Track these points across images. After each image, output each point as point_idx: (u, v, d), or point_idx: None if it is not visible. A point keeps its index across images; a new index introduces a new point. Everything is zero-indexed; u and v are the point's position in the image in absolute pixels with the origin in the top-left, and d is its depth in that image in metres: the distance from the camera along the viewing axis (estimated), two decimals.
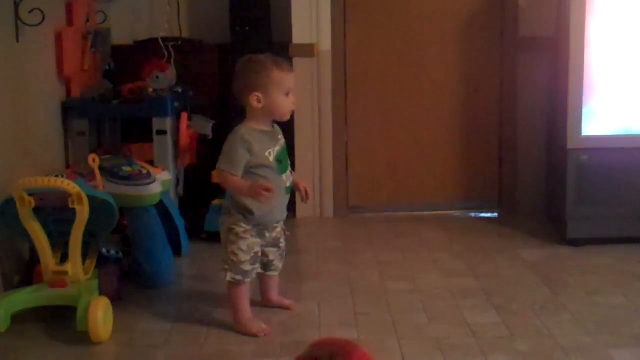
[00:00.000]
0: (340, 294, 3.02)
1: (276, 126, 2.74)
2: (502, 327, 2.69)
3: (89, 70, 3.80)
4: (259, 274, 2.80)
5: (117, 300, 2.90)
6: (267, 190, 2.53)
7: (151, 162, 3.48)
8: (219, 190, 3.83)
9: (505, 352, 2.48)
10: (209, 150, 3.99)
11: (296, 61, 4.04)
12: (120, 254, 3.12)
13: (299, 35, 4.05)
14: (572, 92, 3.46)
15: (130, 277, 3.13)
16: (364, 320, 2.79)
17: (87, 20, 3.85)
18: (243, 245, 2.65)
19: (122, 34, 4.22)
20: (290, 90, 2.65)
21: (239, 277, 2.66)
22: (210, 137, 3.85)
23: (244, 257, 2.65)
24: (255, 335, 2.62)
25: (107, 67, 4.06)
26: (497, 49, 4.19)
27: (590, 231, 3.59)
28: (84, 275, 2.77)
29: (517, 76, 4.14)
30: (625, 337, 2.59)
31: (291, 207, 4.18)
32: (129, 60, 4.13)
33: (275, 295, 2.89)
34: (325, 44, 4.08)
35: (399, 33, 4.20)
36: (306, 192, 2.81)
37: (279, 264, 2.83)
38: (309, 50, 4.04)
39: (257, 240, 2.69)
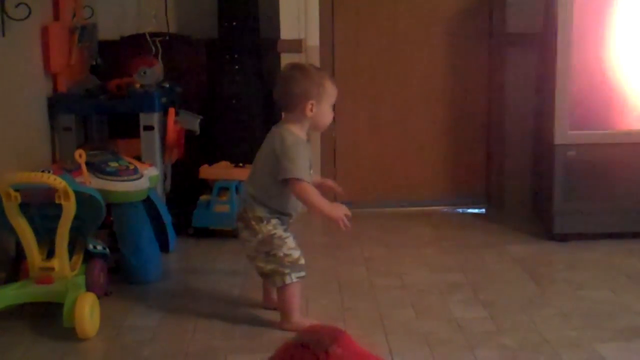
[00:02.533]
0: (328, 289, 3.02)
1: None
2: (489, 322, 2.69)
3: (75, 65, 3.78)
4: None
5: (103, 296, 2.89)
6: (347, 217, 2.57)
7: (138, 158, 3.47)
8: (205, 186, 3.83)
9: (492, 346, 2.49)
10: (196, 146, 4.00)
11: (284, 57, 4.04)
12: (107, 250, 3.10)
13: (287, 30, 4.04)
14: (559, 88, 3.48)
15: (117, 272, 3.13)
16: (351, 315, 2.79)
17: (74, 15, 3.83)
18: (290, 243, 2.64)
19: (109, 29, 4.20)
20: (334, 103, 2.66)
21: (302, 274, 2.65)
22: (198, 132, 3.84)
23: (296, 253, 2.64)
24: None
25: (94, 63, 4.03)
26: (485, 45, 4.20)
27: (577, 226, 3.60)
28: (71, 271, 2.76)
29: (505, 72, 4.15)
30: (612, 331, 2.60)
31: None
32: (116, 55, 4.12)
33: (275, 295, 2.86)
34: (313, 39, 4.08)
35: (387, 29, 4.20)
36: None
37: None
38: (296, 46, 4.03)
39: (291, 235, 2.68)
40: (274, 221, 2.63)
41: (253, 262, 2.69)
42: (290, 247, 2.63)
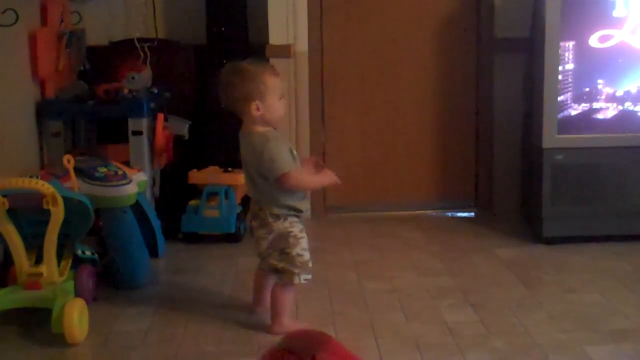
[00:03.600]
0: (318, 293, 3.02)
1: None
2: (479, 325, 2.70)
3: (63, 70, 3.77)
4: (264, 273, 2.77)
5: (92, 301, 2.88)
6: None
7: (127, 163, 3.45)
8: (194, 191, 3.82)
9: (482, 349, 2.50)
10: (185, 151, 3.99)
11: (273, 62, 4.02)
12: (96, 255, 3.10)
13: (276, 36, 4.04)
14: (547, 92, 3.49)
15: (106, 278, 3.11)
16: (341, 319, 2.79)
17: (62, 21, 3.82)
18: (304, 244, 2.65)
19: (97, 35, 4.19)
20: (283, 94, 2.65)
21: (309, 277, 2.66)
22: (187, 137, 3.84)
23: (307, 255, 2.65)
24: None
25: (82, 68, 4.03)
26: (473, 50, 4.22)
27: (566, 230, 3.62)
28: (59, 277, 2.75)
29: (493, 76, 4.17)
30: (601, 333, 2.61)
31: None
32: (105, 60, 4.10)
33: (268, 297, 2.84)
34: (301, 44, 4.08)
35: (375, 34, 4.21)
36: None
37: None
38: (285, 51, 4.04)
39: (306, 236, 2.69)
40: (291, 219, 2.63)
41: (266, 260, 2.69)
42: (304, 248, 2.64)
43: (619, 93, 3.56)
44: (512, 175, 4.19)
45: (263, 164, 2.56)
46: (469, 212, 4.30)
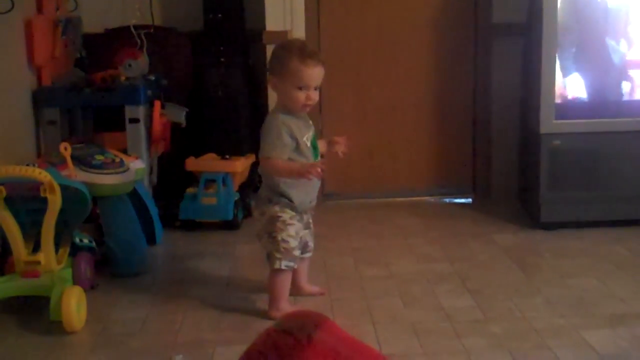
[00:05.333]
0: (315, 280, 3.01)
1: (305, 113, 2.70)
2: (477, 311, 2.70)
3: (59, 58, 3.76)
4: None
5: (90, 289, 2.88)
6: (321, 166, 2.53)
7: (124, 151, 3.45)
8: (192, 179, 3.82)
9: (479, 335, 2.50)
10: (183, 138, 3.99)
11: (270, 48, 4.00)
12: (94, 243, 3.10)
13: (273, 21, 4.02)
14: (544, 77, 3.48)
15: (103, 266, 3.11)
16: (339, 305, 2.79)
17: (58, 8, 3.81)
18: (292, 231, 2.64)
19: (93, 22, 4.17)
20: (308, 86, 2.57)
21: (291, 264, 2.66)
22: (184, 125, 3.83)
23: (294, 242, 2.64)
24: None
25: (79, 56, 4.01)
26: (471, 36, 4.21)
27: (563, 215, 3.62)
28: (57, 265, 2.75)
29: (491, 62, 4.16)
30: (598, 318, 2.61)
31: None
32: (101, 48, 4.09)
33: (305, 283, 2.87)
34: (299, 30, 4.06)
35: (373, 20, 4.20)
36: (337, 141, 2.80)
37: (311, 244, 2.83)
38: (282, 37, 4.00)
39: (301, 225, 2.69)
40: (283, 205, 2.63)
41: (260, 242, 2.71)
42: (290, 235, 2.63)
43: (617, 78, 3.55)
44: (510, 161, 4.19)
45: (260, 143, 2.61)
46: (467, 198, 4.30)
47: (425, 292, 2.90)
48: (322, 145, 2.79)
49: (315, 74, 2.58)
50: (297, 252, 2.67)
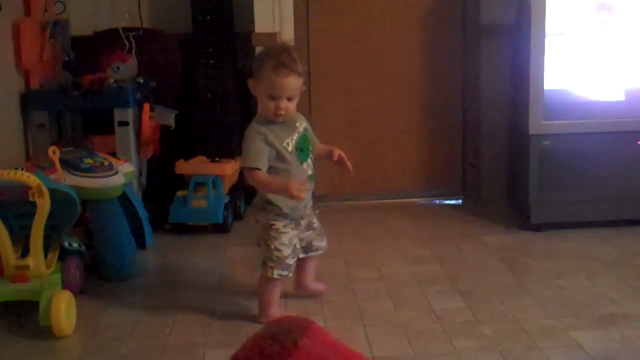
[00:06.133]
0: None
1: (297, 113, 2.68)
2: (467, 312, 2.71)
3: (48, 61, 3.74)
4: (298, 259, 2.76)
5: (80, 293, 2.87)
6: (300, 185, 2.49)
7: (113, 154, 3.44)
8: (182, 182, 3.81)
9: (470, 336, 2.50)
10: (172, 141, 3.98)
11: (258, 50, 4.01)
12: (83, 247, 3.08)
13: (261, 24, 4.02)
14: (533, 78, 3.49)
15: (93, 270, 3.10)
16: (329, 307, 2.79)
17: (45, 11, 3.79)
18: (285, 239, 2.62)
19: (81, 25, 4.15)
20: (278, 96, 2.53)
21: (284, 273, 2.63)
22: (173, 127, 3.82)
23: (287, 251, 2.62)
24: None
25: (67, 58, 3.99)
26: (459, 37, 4.21)
27: (553, 216, 3.63)
28: (46, 269, 2.74)
29: (480, 63, 4.17)
30: (588, 319, 2.62)
31: None
32: (89, 51, 4.07)
33: (310, 282, 2.86)
34: (287, 32, 4.06)
35: (361, 21, 4.20)
36: (340, 158, 2.76)
37: (319, 243, 2.80)
38: (271, 39, 4.01)
39: (295, 232, 2.66)
40: (276, 213, 2.61)
41: (259, 248, 2.69)
42: (283, 243, 2.61)
43: (606, 79, 3.57)
44: (500, 162, 4.20)
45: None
46: (457, 199, 4.31)
47: (415, 294, 2.90)
48: (321, 149, 2.77)
49: (286, 84, 2.52)
50: (290, 261, 2.64)
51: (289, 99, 2.56)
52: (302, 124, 2.69)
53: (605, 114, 3.56)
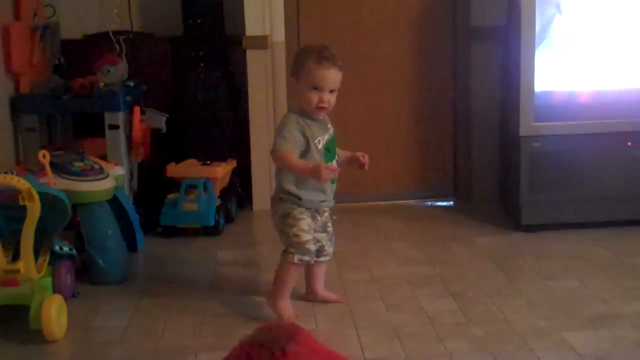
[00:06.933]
0: (297, 284, 3.01)
1: (325, 116, 2.73)
2: (459, 314, 2.71)
3: (38, 65, 3.73)
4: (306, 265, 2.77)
5: (71, 297, 2.86)
6: (333, 170, 2.54)
7: (104, 157, 3.43)
8: (173, 185, 3.80)
9: (462, 337, 2.50)
10: (163, 144, 3.97)
11: (250, 53, 4.02)
12: (74, 251, 3.07)
13: (252, 26, 4.03)
14: (523, 80, 3.50)
15: (84, 273, 3.09)
16: (321, 310, 2.79)
17: (35, 14, 3.78)
18: (303, 225, 2.65)
19: (71, 28, 4.15)
20: (321, 87, 2.60)
21: (306, 258, 2.66)
22: (164, 130, 3.81)
23: (306, 236, 2.65)
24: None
25: (57, 62, 3.99)
26: (450, 39, 4.22)
27: (544, 217, 3.64)
28: (37, 273, 2.72)
29: (470, 65, 4.18)
30: (580, 320, 2.63)
31: (248, 199, 4.19)
32: (80, 54, 4.07)
33: (321, 288, 2.86)
34: (278, 35, 4.07)
35: (352, 23, 4.21)
36: (363, 157, 2.80)
37: (329, 249, 2.82)
38: (262, 42, 4.02)
39: (312, 222, 2.69)
40: (292, 202, 2.65)
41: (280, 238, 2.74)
42: (302, 229, 2.65)
43: (596, 80, 3.58)
44: (491, 163, 4.21)
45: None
46: (448, 201, 4.31)
47: (407, 296, 2.90)
48: (343, 155, 2.81)
49: (329, 75, 2.61)
50: (311, 246, 2.67)
51: (331, 92, 2.63)
52: (331, 127, 2.76)
53: (595, 115, 3.57)
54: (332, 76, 2.62)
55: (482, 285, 2.99)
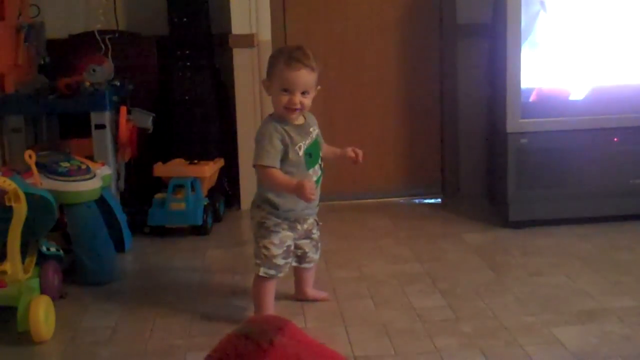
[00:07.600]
0: (286, 282, 3.00)
1: (311, 117, 2.68)
2: (448, 310, 2.71)
3: (23, 65, 3.71)
4: (294, 267, 2.75)
5: (58, 298, 2.85)
6: (311, 187, 2.47)
7: (91, 157, 3.42)
8: (160, 184, 3.79)
9: (450, 334, 2.51)
10: (150, 144, 3.96)
11: (236, 52, 4.01)
12: (61, 251, 3.05)
13: (238, 25, 4.02)
14: (509, 77, 3.51)
15: (72, 274, 3.08)
16: (310, 308, 2.79)
17: (20, 14, 3.76)
18: (275, 239, 2.60)
19: (56, 28, 4.13)
20: (291, 89, 2.51)
21: (271, 272, 2.60)
22: (151, 130, 3.80)
23: (275, 250, 2.59)
24: None
25: (42, 62, 3.97)
26: (436, 37, 4.23)
27: (531, 213, 3.65)
28: (24, 274, 2.70)
29: (457, 63, 4.19)
30: (567, 315, 2.64)
31: (236, 199, 4.18)
32: (65, 54, 4.04)
33: (310, 289, 2.84)
34: (264, 33, 4.06)
35: (338, 21, 4.21)
36: (354, 153, 2.76)
37: (313, 255, 2.77)
38: (248, 41, 4.01)
39: (289, 233, 2.63)
40: (269, 211, 2.60)
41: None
42: (273, 243, 2.59)
43: (582, 77, 3.59)
44: (478, 160, 4.22)
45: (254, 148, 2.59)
46: (436, 198, 4.32)
47: (396, 293, 2.91)
48: (332, 152, 2.77)
49: (299, 77, 2.51)
50: (279, 261, 2.61)
51: (303, 94, 2.55)
52: (315, 130, 2.67)
53: (582, 111, 3.58)
54: (303, 77, 2.52)
55: (471, 281, 2.99)
